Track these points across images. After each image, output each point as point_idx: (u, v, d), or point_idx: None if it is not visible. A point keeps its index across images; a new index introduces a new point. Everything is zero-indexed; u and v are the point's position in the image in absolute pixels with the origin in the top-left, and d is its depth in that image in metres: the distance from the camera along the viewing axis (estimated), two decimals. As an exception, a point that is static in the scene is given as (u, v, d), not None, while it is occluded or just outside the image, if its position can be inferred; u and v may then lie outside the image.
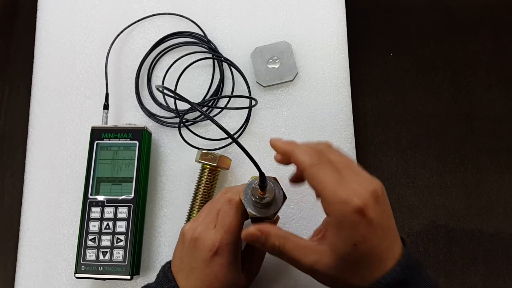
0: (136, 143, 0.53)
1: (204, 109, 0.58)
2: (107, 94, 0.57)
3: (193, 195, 0.53)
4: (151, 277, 0.53)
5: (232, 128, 0.57)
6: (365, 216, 0.34)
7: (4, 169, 0.59)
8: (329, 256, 0.36)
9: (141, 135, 0.53)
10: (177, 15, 0.61)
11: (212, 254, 0.40)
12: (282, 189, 0.41)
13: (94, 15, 0.62)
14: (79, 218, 0.51)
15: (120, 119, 0.58)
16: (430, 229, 0.56)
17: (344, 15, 0.61)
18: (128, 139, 0.53)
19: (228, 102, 0.58)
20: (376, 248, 0.36)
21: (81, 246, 0.50)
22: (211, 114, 0.58)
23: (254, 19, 0.61)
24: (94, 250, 0.50)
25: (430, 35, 0.62)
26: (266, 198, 0.39)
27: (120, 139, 0.53)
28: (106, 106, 0.56)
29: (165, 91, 0.35)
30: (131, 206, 0.51)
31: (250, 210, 0.40)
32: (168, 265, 0.44)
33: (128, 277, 0.49)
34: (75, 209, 0.55)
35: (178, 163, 0.57)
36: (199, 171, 0.53)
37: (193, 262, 0.41)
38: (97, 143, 0.53)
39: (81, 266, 0.50)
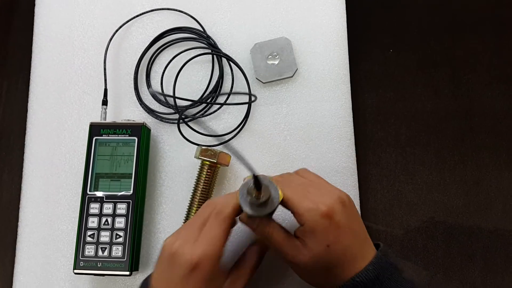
0: (135, 139, 0.53)
1: (203, 105, 0.58)
2: (105, 90, 0.57)
3: (192, 191, 0.53)
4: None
5: (231, 124, 0.57)
6: (333, 219, 0.40)
7: (2, 165, 0.59)
8: (307, 256, 0.40)
9: (140, 131, 0.53)
10: (176, 10, 0.61)
11: (190, 270, 0.39)
12: (277, 188, 0.41)
13: (93, 10, 0.62)
14: (78, 214, 0.52)
15: (118, 115, 0.58)
16: (429, 226, 0.56)
17: (344, 11, 0.61)
18: (127, 135, 0.53)
19: (227, 98, 0.58)
20: (348, 249, 0.40)
21: (80, 242, 0.50)
22: (211, 111, 0.57)
23: (253, 14, 0.60)
24: (93, 246, 0.50)
25: (430, 32, 0.62)
26: (262, 198, 0.39)
27: (119, 135, 0.53)
28: (105, 102, 0.56)
29: (159, 95, 0.35)
30: (130, 202, 0.51)
31: (247, 209, 0.40)
32: (149, 278, 0.43)
33: (127, 273, 0.50)
34: (73, 205, 0.55)
35: (177, 159, 0.57)
36: (199, 167, 0.53)
37: (172, 278, 0.40)
38: (95, 139, 0.53)
39: (80, 262, 0.50)
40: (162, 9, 0.61)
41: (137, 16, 0.60)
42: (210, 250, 0.40)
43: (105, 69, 0.58)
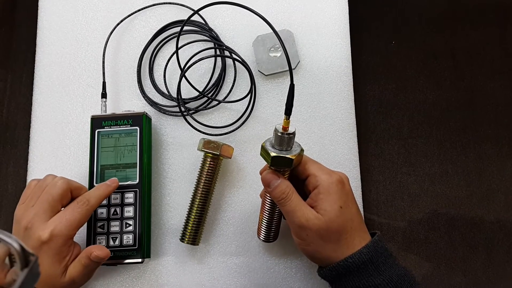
0: (136, 129, 0.56)
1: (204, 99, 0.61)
2: (104, 83, 0.60)
3: (195, 183, 0.56)
4: (160, 260, 0.57)
5: (235, 116, 0.60)
6: (344, 186, 0.47)
7: (7, 158, 0.63)
8: (321, 219, 0.45)
9: (141, 121, 0.56)
10: (178, 4, 0.64)
11: (41, 243, 0.46)
12: (300, 144, 0.47)
13: (96, 4, 0.65)
14: (83, 205, 0.55)
15: (122, 108, 0.62)
16: (431, 217, 0.59)
17: (346, 3, 0.64)
18: (129, 125, 0.56)
19: (230, 92, 0.61)
20: (355, 217, 0.47)
21: (90, 234, 0.54)
22: (214, 103, 0.61)
23: (255, 7, 0.61)
24: (104, 237, 0.54)
25: (432, 23, 0.65)
26: (288, 132, 0.44)
27: (121, 126, 0.57)
28: (104, 95, 0.59)
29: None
30: (137, 190, 0.55)
31: (271, 151, 0.45)
32: None
33: (140, 260, 0.53)
34: (79, 197, 0.59)
35: (180, 152, 0.60)
36: (202, 159, 0.56)
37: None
38: (98, 132, 0.57)
39: None
40: (164, 3, 0.64)
41: (139, 10, 0.64)
42: (65, 231, 0.47)
43: (103, 62, 0.61)
